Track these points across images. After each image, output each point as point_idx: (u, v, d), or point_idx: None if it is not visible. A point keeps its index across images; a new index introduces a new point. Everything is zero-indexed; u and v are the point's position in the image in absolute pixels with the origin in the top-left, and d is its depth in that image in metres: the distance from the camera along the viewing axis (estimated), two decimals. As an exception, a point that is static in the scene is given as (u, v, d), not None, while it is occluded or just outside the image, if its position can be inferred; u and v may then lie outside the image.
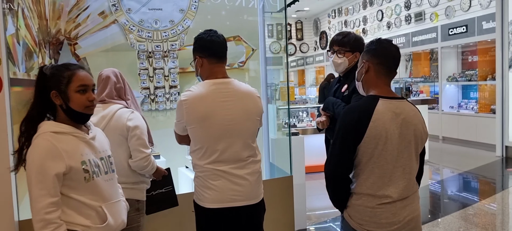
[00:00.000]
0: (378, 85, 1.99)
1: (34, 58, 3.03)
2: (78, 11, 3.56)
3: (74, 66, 1.85)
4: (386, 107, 1.90)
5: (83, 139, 1.79)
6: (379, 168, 1.89)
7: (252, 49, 3.94)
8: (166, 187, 2.62)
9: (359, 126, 1.87)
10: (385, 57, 2.00)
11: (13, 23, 2.63)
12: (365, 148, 1.88)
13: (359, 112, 1.90)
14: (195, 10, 3.80)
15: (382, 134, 1.86)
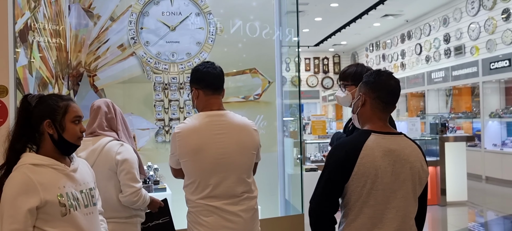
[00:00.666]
0: (373, 120, 1.87)
1: (49, 89, 3.13)
2: (99, 44, 3.67)
3: (66, 97, 1.87)
4: (377, 143, 1.77)
5: (63, 171, 1.76)
6: (368, 208, 1.74)
7: (268, 82, 3.90)
8: (163, 218, 2.56)
9: (346, 163, 1.74)
10: (383, 92, 1.86)
11: (26, 55, 2.73)
12: (354, 187, 1.75)
13: (347, 148, 1.78)
14: (212, 42, 3.82)
15: (371, 172, 1.72)
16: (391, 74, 1.94)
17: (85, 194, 1.81)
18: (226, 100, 3.81)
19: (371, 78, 1.90)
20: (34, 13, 2.85)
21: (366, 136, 1.79)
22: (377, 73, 1.92)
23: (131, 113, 3.72)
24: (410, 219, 1.81)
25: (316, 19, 11.06)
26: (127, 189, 2.31)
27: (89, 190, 1.85)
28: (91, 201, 1.84)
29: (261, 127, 3.82)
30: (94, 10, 3.65)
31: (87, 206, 1.80)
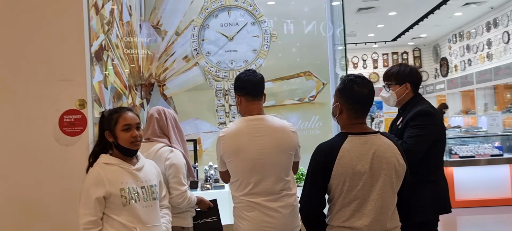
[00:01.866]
0: (350, 124, 2.05)
1: (123, 99, 3.57)
2: (166, 57, 4.08)
3: (122, 109, 2.23)
4: (353, 144, 1.96)
5: (127, 169, 2.13)
6: (349, 202, 1.95)
7: (322, 84, 4.02)
8: (211, 218, 2.78)
9: (326, 165, 1.95)
10: (357, 104, 2.03)
11: (101, 71, 3.17)
12: (334, 185, 1.96)
13: (325, 152, 1.99)
14: (267, 49, 4.04)
15: (348, 171, 1.92)
16: (365, 81, 2.06)
17: (145, 190, 2.15)
18: (282, 103, 4.03)
19: (345, 89, 2.05)
20: (107, 34, 3.30)
21: (344, 139, 1.98)
22: (350, 82, 2.04)
23: (196, 118, 4.08)
24: (388, 210, 1.99)
25: (390, 14, 10.76)
26: (173, 191, 2.54)
27: (150, 186, 2.18)
28: (151, 196, 2.17)
29: (316, 127, 3.96)
30: (161, 27, 4.07)
31: (146, 200, 2.14)
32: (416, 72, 2.77)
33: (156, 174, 2.29)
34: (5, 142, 2.87)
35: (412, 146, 2.52)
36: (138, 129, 2.19)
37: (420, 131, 2.55)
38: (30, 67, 2.88)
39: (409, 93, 2.72)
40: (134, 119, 2.19)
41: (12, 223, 2.86)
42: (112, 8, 3.40)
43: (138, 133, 2.18)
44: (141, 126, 2.23)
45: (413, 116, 2.59)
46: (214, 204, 2.80)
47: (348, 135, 1.99)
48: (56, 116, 2.87)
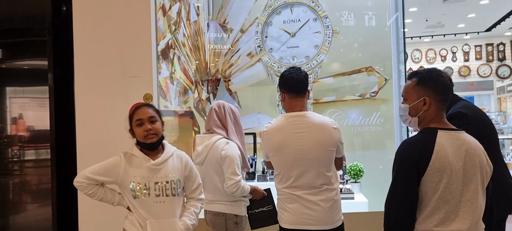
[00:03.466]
0: (437, 119, 1.87)
1: (189, 94, 3.85)
2: (232, 53, 4.30)
3: (138, 105, 2.29)
4: (446, 139, 1.80)
5: (145, 164, 2.20)
6: (444, 203, 1.76)
7: (384, 79, 3.95)
8: (267, 206, 2.90)
9: (421, 160, 1.75)
10: (446, 93, 1.88)
11: (167, 68, 3.46)
12: (429, 183, 1.76)
13: (420, 146, 1.78)
14: (329, 45, 4.07)
15: (446, 166, 1.75)
16: (442, 71, 1.93)
17: (159, 186, 2.19)
18: (342, 98, 4.04)
19: (430, 79, 1.88)
20: (174, 34, 3.58)
21: (435, 134, 1.80)
22: (436, 73, 1.90)
23: (258, 112, 4.24)
24: (481, 212, 1.82)
25: (481, 3, 10.00)
26: (228, 181, 2.71)
27: (166, 182, 2.21)
28: (165, 192, 2.20)
29: (377, 123, 3.91)
30: (227, 25, 4.29)
31: (159, 196, 2.19)
32: None
33: (180, 169, 2.28)
34: (86, 131, 3.27)
35: None
36: (153, 123, 2.21)
37: None
38: (107, 66, 3.24)
39: None
40: (146, 113, 2.22)
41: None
42: (179, 9, 3.67)
43: (153, 126, 2.20)
44: (158, 119, 2.24)
45: None
46: (268, 193, 2.91)
47: (438, 130, 1.81)
48: (127, 108, 3.20)
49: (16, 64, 3.59)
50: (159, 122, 2.26)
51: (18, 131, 3.47)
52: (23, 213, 3.54)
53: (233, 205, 2.81)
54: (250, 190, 2.84)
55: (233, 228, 2.80)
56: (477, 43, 13.36)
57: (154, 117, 2.23)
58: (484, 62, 13.43)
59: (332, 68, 4.09)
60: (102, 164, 2.24)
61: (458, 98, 2.65)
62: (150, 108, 2.26)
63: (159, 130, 2.24)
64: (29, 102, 3.48)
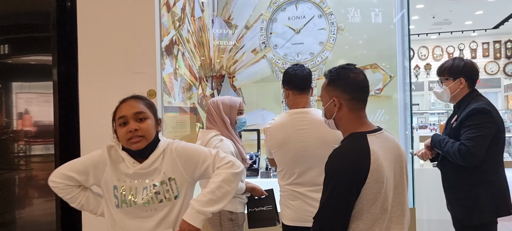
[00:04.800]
0: (358, 121, 1.72)
1: (193, 90, 3.85)
2: (236, 50, 4.29)
3: (125, 99, 1.82)
4: (377, 144, 1.64)
5: (132, 168, 1.76)
6: (382, 213, 1.63)
7: (389, 77, 3.93)
8: (267, 206, 2.79)
9: (360, 173, 1.58)
10: (357, 91, 1.72)
11: (171, 64, 3.47)
12: (367, 194, 1.59)
13: (355, 157, 1.61)
14: (333, 42, 4.05)
15: (383, 175, 1.60)
16: (354, 68, 1.79)
17: (148, 191, 1.75)
18: (347, 95, 4.01)
19: (338, 78, 1.74)
20: (178, 30, 3.58)
21: (366, 140, 1.63)
22: (345, 71, 1.75)
23: (263, 108, 4.24)
24: (407, 211, 1.74)
25: (489, 0, 9.92)
26: None
27: (153, 185, 1.76)
28: (156, 198, 1.76)
29: (382, 121, 3.89)
30: (232, 21, 4.28)
31: (149, 203, 1.76)
32: (471, 66, 2.62)
33: (172, 163, 1.80)
34: (90, 127, 3.28)
35: (471, 148, 2.40)
36: (142, 121, 1.74)
37: (478, 131, 2.42)
38: (111, 61, 3.25)
39: (464, 89, 2.59)
40: (131, 108, 1.75)
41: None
42: (183, 5, 3.67)
43: (140, 125, 1.73)
44: (149, 116, 1.78)
45: (468, 114, 2.47)
46: (270, 194, 2.81)
47: (366, 134, 1.65)
48: (131, 104, 3.22)
49: (22, 59, 3.60)
50: (152, 120, 1.78)
51: (24, 126, 3.49)
52: (29, 208, 3.56)
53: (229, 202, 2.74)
54: (245, 188, 2.72)
55: (228, 224, 2.73)
56: (485, 40, 13.26)
57: (143, 113, 1.75)
58: (492, 59, 13.32)
59: (336, 65, 4.06)
60: (83, 158, 1.84)
61: (479, 94, 2.63)
62: (139, 102, 1.78)
63: (148, 130, 1.74)
64: (35, 98, 3.50)
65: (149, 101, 1.85)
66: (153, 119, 1.80)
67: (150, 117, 1.78)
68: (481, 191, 2.48)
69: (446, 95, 2.65)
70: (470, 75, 2.60)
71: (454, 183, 2.62)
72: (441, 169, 2.74)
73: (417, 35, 12.61)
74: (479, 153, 2.42)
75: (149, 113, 1.78)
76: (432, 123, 9.50)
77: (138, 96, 1.83)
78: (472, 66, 2.63)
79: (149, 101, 1.85)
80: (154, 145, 1.78)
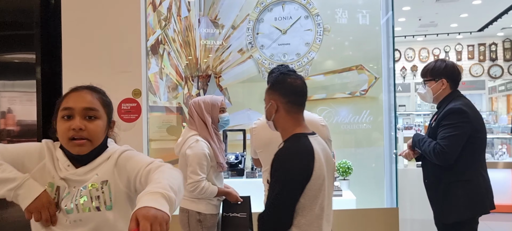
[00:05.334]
0: (296, 124, 1.85)
1: (179, 89, 3.84)
2: (223, 50, 4.29)
3: (76, 88, 1.49)
4: (316, 145, 1.79)
5: (64, 171, 1.43)
6: (321, 210, 1.78)
7: (374, 78, 3.96)
8: (241, 213, 2.76)
9: (306, 172, 1.71)
10: (293, 95, 1.85)
11: (157, 64, 3.45)
12: (311, 190, 1.73)
13: (301, 157, 1.74)
14: (320, 42, 4.07)
15: (323, 173, 1.76)
16: (293, 72, 1.96)
17: (74, 198, 1.40)
18: (332, 96, 4.05)
19: (277, 82, 1.88)
20: (164, 29, 3.57)
21: (308, 139, 1.78)
22: (283, 76, 1.90)
23: (249, 108, 4.24)
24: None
25: (474, 3, 10.06)
26: (188, 179, 2.59)
27: (82, 189, 1.40)
28: (81, 207, 1.39)
29: (367, 121, 3.93)
30: (219, 21, 4.27)
31: (73, 212, 1.39)
32: (452, 67, 2.67)
33: (110, 168, 1.45)
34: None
35: (445, 147, 2.47)
36: (91, 120, 1.42)
37: (453, 130, 2.48)
38: (95, 60, 3.23)
39: (446, 89, 2.64)
40: (82, 101, 1.42)
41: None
42: (170, 5, 3.66)
43: (87, 124, 1.41)
44: (100, 116, 1.46)
45: (444, 114, 2.53)
46: (245, 201, 2.77)
47: (307, 135, 1.80)
48: (115, 103, 3.20)
49: (5, 58, 3.55)
50: (103, 121, 1.46)
51: (7, 125, 3.44)
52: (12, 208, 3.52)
53: (196, 202, 2.69)
54: (216, 192, 2.68)
55: (196, 225, 2.69)
56: (470, 43, 13.44)
57: (94, 110, 1.43)
58: (476, 62, 13.51)
59: (322, 66, 4.10)
60: (19, 145, 1.47)
61: (459, 94, 2.68)
62: (93, 95, 1.46)
63: (97, 133, 1.42)
64: (18, 97, 3.46)
65: (106, 99, 1.52)
66: (105, 120, 1.47)
67: (102, 117, 1.46)
68: (458, 189, 2.53)
69: (429, 96, 2.69)
70: (451, 76, 2.65)
71: (433, 182, 2.67)
72: (422, 168, 2.78)
73: (404, 37, 12.74)
74: (453, 152, 2.47)
75: (102, 112, 1.46)
76: (418, 124, 9.60)
77: (95, 89, 1.50)
78: (454, 68, 2.68)
79: (106, 99, 1.52)
80: (99, 151, 1.46)
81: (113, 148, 1.51)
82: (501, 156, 6.44)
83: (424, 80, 2.74)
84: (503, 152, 6.50)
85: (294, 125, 1.84)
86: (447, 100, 2.62)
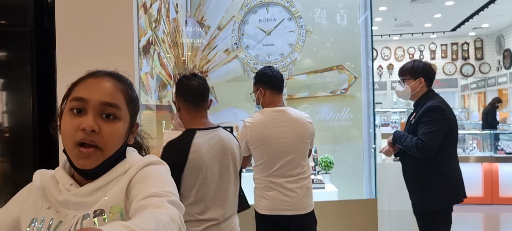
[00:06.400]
0: (193, 120, 2.18)
1: (168, 88, 3.99)
2: (209, 50, 4.44)
3: (95, 72, 1.12)
4: (203, 139, 2.10)
5: (64, 193, 1.06)
6: (203, 195, 2.09)
7: (354, 77, 4.19)
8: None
9: (179, 161, 2.04)
10: (189, 96, 2.19)
11: (148, 63, 3.59)
12: (187, 180, 2.06)
13: (176, 148, 2.06)
14: (302, 44, 4.28)
15: (202, 165, 2.06)
16: (193, 76, 2.28)
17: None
18: (315, 95, 4.26)
19: (178, 85, 2.24)
20: (154, 31, 3.70)
21: (193, 135, 2.10)
22: (181, 78, 2.27)
23: (235, 106, 4.42)
24: (235, 197, 2.25)
25: (447, 4, 10.48)
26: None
27: (83, 217, 1.00)
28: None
29: (347, 118, 4.15)
30: (205, 22, 4.43)
31: None
32: (430, 67, 2.92)
33: (122, 189, 1.04)
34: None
35: (427, 142, 2.69)
36: (109, 120, 1.05)
37: (433, 126, 2.71)
38: (90, 62, 3.33)
39: (423, 87, 2.87)
40: (101, 92, 1.05)
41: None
42: (159, 7, 3.80)
43: (103, 125, 1.04)
44: (122, 116, 1.08)
45: (424, 111, 2.75)
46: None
47: (196, 131, 2.12)
48: (109, 102, 3.33)
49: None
50: (125, 123, 1.09)
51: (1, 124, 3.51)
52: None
53: None
54: None
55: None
56: (443, 42, 13.94)
57: (116, 108, 1.06)
58: (449, 60, 14.02)
59: (305, 65, 4.30)
60: (4, 207, 1.13)
61: (435, 93, 2.92)
62: (116, 85, 1.09)
63: (113, 139, 1.05)
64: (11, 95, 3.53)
65: (133, 93, 1.13)
66: (128, 123, 1.09)
67: (125, 117, 1.08)
68: (436, 180, 2.76)
69: (407, 93, 2.92)
70: (428, 75, 2.89)
71: (412, 174, 2.90)
72: (402, 162, 3.01)
73: (380, 36, 13.12)
74: (434, 146, 2.70)
75: (125, 111, 1.08)
76: (394, 121, 9.95)
77: (121, 78, 1.12)
78: (430, 67, 2.93)
79: (133, 95, 1.13)
80: (111, 163, 1.07)
81: (133, 159, 1.10)
82: (471, 150, 6.80)
83: (402, 79, 2.96)
84: (473, 146, 6.86)
85: (192, 121, 2.16)
86: (424, 98, 2.86)
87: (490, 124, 8.22)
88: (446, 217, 2.85)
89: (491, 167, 6.39)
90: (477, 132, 7.88)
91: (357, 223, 3.58)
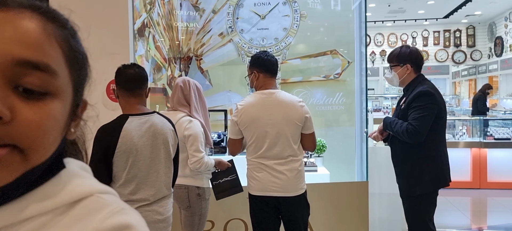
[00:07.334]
0: (127, 106, 2.33)
1: (163, 71, 4.01)
2: (204, 33, 4.46)
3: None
4: (135, 124, 2.24)
5: None
6: (134, 177, 2.24)
7: (347, 62, 4.24)
8: (231, 176, 3.10)
9: (109, 145, 2.19)
10: (123, 82, 2.34)
11: (143, 46, 3.60)
12: (118, 163, 2.22)
13: (107, 132, 2.20)
14: (297, 28, 4.30)
15: (132, 148, 2.20)
16: (131, 65, 2.39)
17: None
18: (308, 79, 4.30)
19: (116, 73, 2.35)
20: (149, 13, 3.71)
21: (124, 120, 2.25)
22: (119, 67, 2.38)
23: (229, 90, 4.45)
24: (168, 179, 2.40)
25: (440, -9, 10.52)
26: (191, 158, 2.80)
27: None
28: None
29: (340, 103, 4.21)
30: (200, 5, 4.43)
31: None
32: (416, 53, 2.96)
33: None
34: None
35: (417, 127, 2.74)
36: (31, 97, 0.52)
37: (423, 111, 2.76)
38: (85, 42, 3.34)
39: (411, 74, 2.92)
40: (11, 38, 0.51)
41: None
42: (154, -11, 3.80)
43: (23, 106, 0.51)
44: (59, 85, 0.56)
45: (414, 97, 2.80)
46: (232, 164, 3.13)
47: (129, 116, 2.26)
48: (104, 84, 3.35)
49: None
50: (63, 100, 0.57)
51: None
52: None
53: (195, 178, 2.90)
54: (214, 163, 2.96)
55: (196, 199, 2.89)
56: (436, 29, 14.00)
57: (47, 70, 0.54)
58: (442, 47, 14.10)
59: (299, 50, 4.34)
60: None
61: (424, 78, 2.97)
62: (41, 23, 0.56)
63: (44, 132, 0.54)
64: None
65: (78, 44, 0.67)
66: (70, 101, 0.61)
67: (64, 90, 0.58)
68: (424, 165, 2.83)
69: (396, 80, 2.97)
70: (415, 61, 2.93)
71: (401, 159, 2.97)
72: (390, 147, 3.07)
73: (374, 22, 13.14)
74: (424, 131, 2.76)
75: (65, 78, 0.59)
76: (386, 106, 10.05)
77: (51, 12, 0.60)
78: (417, 53, 2.96)
79: (79, 47, 0.68)
80: (37, 176, 0.57)
81: (84, 189, 0.61)
82: (461, 136, 6.91)
83: (390, 66, 3.01)
84: (463, 132, 6.98)
85: (126, 106, 2.31)
86: (414, 84, 2.90)
87: (480, 110, 8.34)
88: (431, 200, 2.93)
89: (480, 152, 6.52)
90: (467, 118, 8.00)
91: (348, 204, 3.66)
